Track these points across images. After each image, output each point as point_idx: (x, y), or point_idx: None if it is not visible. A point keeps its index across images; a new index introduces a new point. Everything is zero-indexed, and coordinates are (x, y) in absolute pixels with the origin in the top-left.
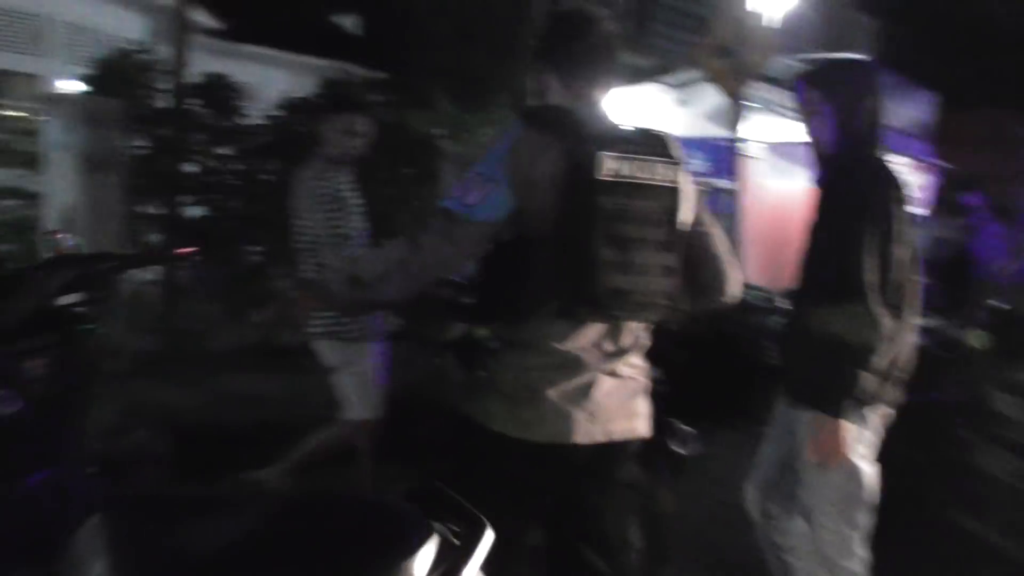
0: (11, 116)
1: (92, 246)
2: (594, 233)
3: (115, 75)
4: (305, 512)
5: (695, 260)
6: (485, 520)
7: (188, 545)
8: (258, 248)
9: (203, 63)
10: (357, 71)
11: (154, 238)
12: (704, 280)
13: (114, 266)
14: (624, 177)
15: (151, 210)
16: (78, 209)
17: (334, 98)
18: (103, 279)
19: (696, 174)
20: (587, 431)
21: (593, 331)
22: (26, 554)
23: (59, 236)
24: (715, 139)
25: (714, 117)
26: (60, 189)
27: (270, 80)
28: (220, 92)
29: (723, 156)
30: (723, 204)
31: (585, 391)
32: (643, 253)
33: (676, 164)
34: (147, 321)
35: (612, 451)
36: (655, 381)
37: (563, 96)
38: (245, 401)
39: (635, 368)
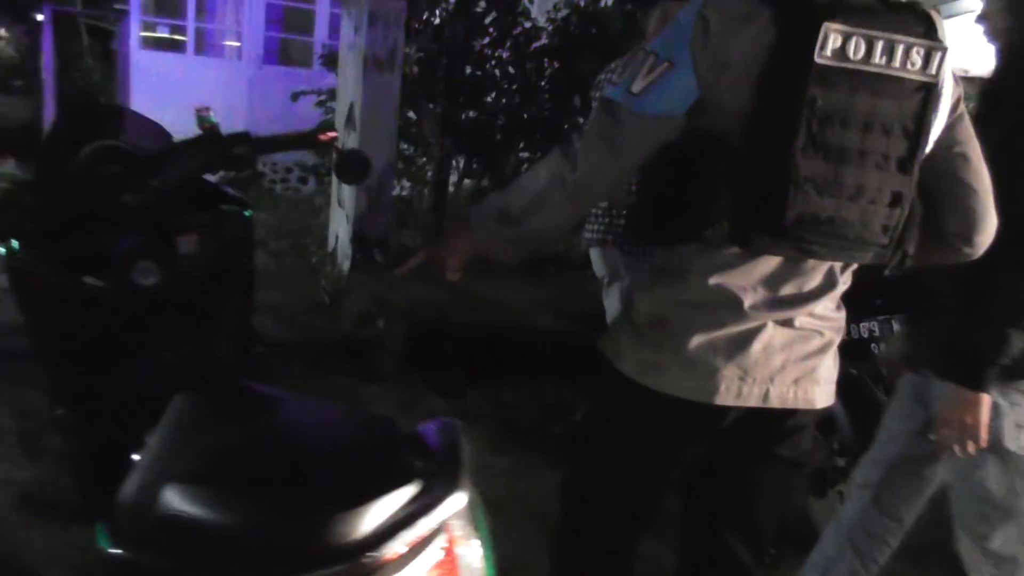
0: None
1: (368, 142)
2: (796, 136)
3: None
4: (315, 421)
5: (938, 191)
6: (462, 482)
7: (219, 434)
8: (531, 154)
9: None
10: None
11: (430, 138)
12: (945, 220)
13: (253, 147)
14: (855, 63)
15: (428, 110)
16: (358, 106)
17: None
18: (243, 159)
19: None
20: (736, 391)
21: (767, 266)
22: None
23: (204, 112)
24: None
25: None
26: (347, 87)
27: None
28: None
29: None
30: None
31: (741, 342)
32: (864, 171)
33: (939, 53)
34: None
35: (772, 420)
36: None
37: None
38: (496, 306)
39: (822, 320)
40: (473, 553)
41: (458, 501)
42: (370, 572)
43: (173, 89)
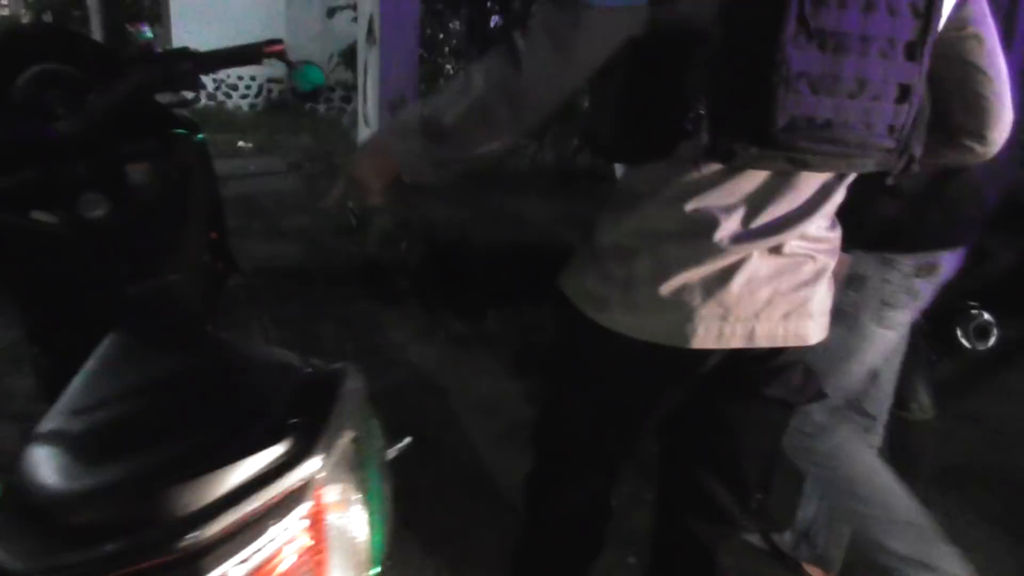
0: None
1: (388, 55)
2: (785, 22)
3: None
4: (216, 370)
5: (946, 79)
6: (319, 445)
7: (105, 384)
8: None
9: None
10: None
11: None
12: (954, 113)
13: (195, 65)
14: None
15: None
16: (376, 17)
17: None
18: (185, 78)
19: None
20: (716, 332)
21: (750, 183)
22: None
23: (137, 28)
24: None
25: None
26: (368, 4)
27: None
28: None
29: None
30: None
31: (721, 276)
32: (866, 61)
33: None
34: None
35: (757, 358)
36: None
37: None
38: (524, 222)
39: (815, 243)
40: (351, 521)
41: (310, 467)
42: (199, 555)
43: (211, 10)
